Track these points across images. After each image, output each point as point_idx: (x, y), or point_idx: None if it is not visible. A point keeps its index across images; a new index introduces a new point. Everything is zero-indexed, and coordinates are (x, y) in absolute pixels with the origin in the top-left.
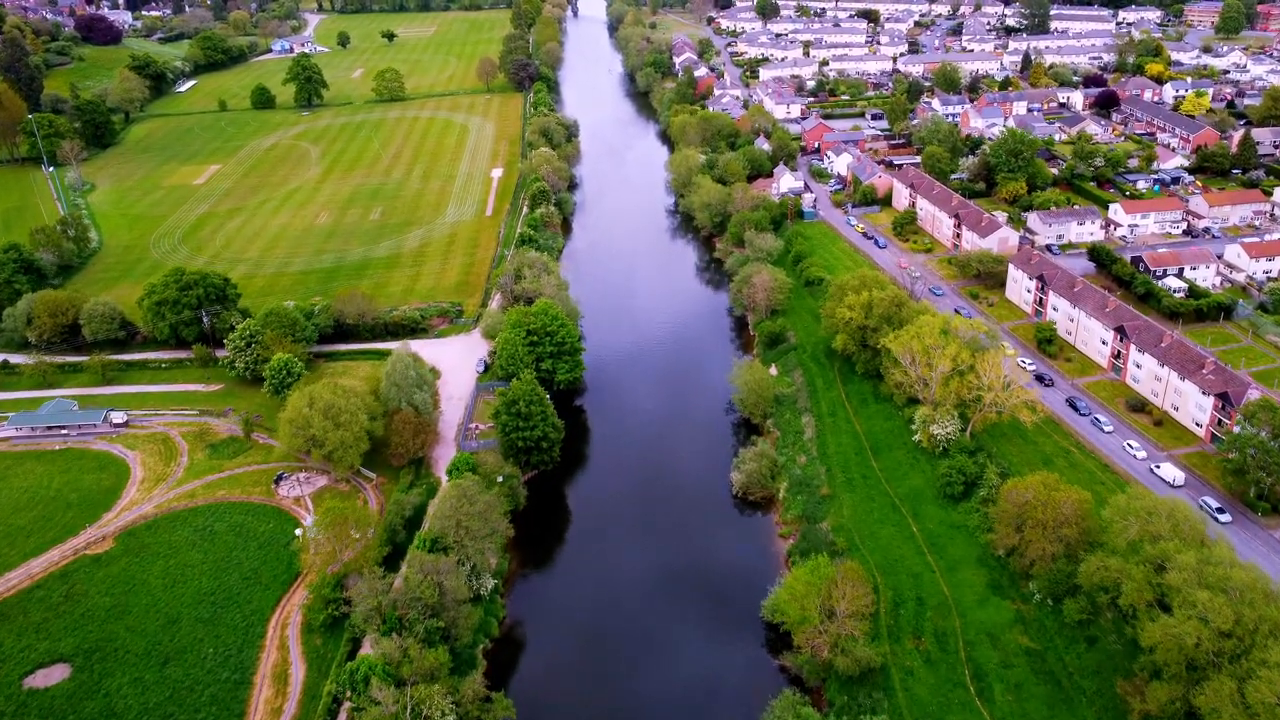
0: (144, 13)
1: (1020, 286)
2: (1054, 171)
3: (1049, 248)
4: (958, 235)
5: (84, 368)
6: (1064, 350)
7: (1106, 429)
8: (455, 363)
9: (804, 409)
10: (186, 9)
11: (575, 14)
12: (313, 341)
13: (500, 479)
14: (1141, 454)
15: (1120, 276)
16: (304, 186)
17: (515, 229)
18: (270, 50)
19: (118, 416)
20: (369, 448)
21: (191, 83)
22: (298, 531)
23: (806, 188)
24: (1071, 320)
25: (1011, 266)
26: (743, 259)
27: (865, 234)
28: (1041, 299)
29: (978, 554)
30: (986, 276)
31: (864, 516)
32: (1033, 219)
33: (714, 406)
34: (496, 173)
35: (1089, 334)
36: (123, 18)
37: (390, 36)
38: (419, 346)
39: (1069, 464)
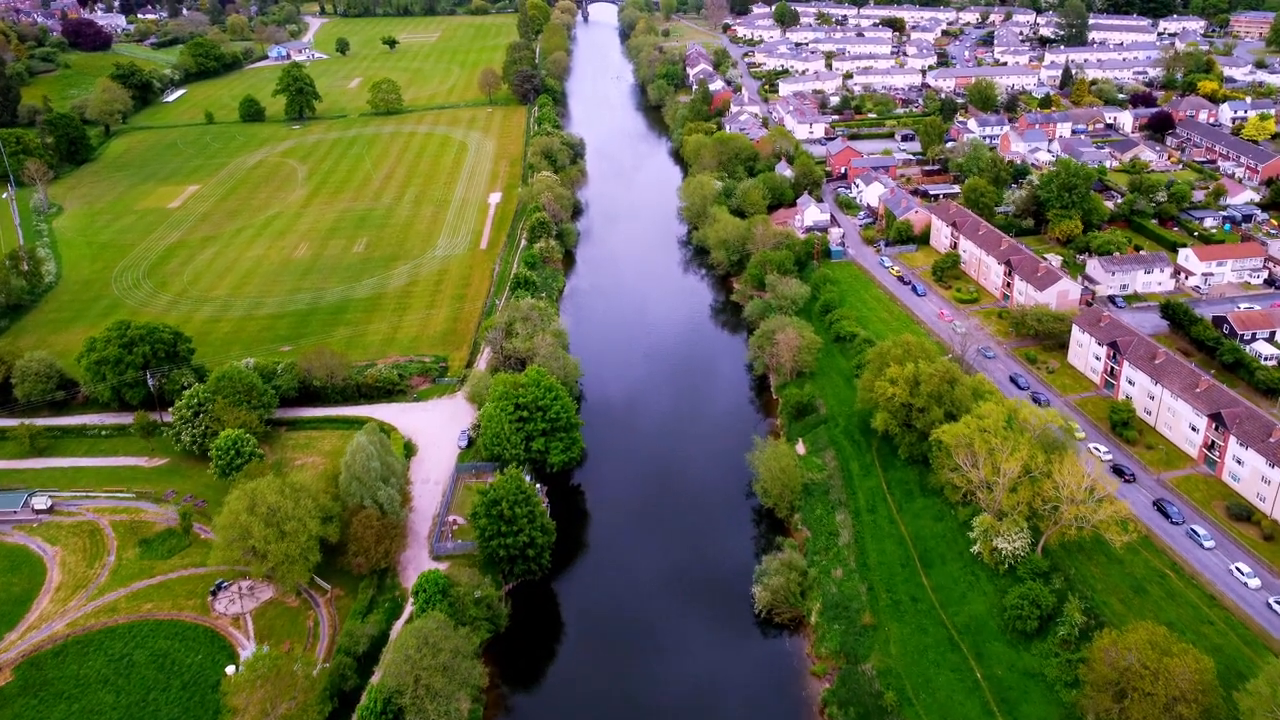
0: (139, 16)
1: (1087, 352)
2: (1110, 206)
3: (1112, 300)
4: (1008, 285)
5: (10, 435)
6: (1144, 435)
7: (1206, 544)
8: (435, 434)
9: (838, 502)
10: (184, 13)
11: (585, 20)
12: (273, 408)
13: (478, 594)
14: (1254, 581)
15: (1202, 340)
16: (285, 212)
17: (511, 265)
18: (266, 57)
19: (40, 502)
20: (320, 560)
21: (180, 92)
22: (229, 670)
23: (833, 220)
24: (1152, 398)
25: (1076, 328)
26: (763, 305)
27: (901, 278)
28: (1113, 369)
29: (1060, 716)
30: (1044, 336)
31: (916, 656)
32: (1093, 266)
33: (731, 489)
34: (494, 198)
35: (1175, 417)
36: (115, 22)
37: (392, 43)
38: (395, 412)
39: (1165, 593)
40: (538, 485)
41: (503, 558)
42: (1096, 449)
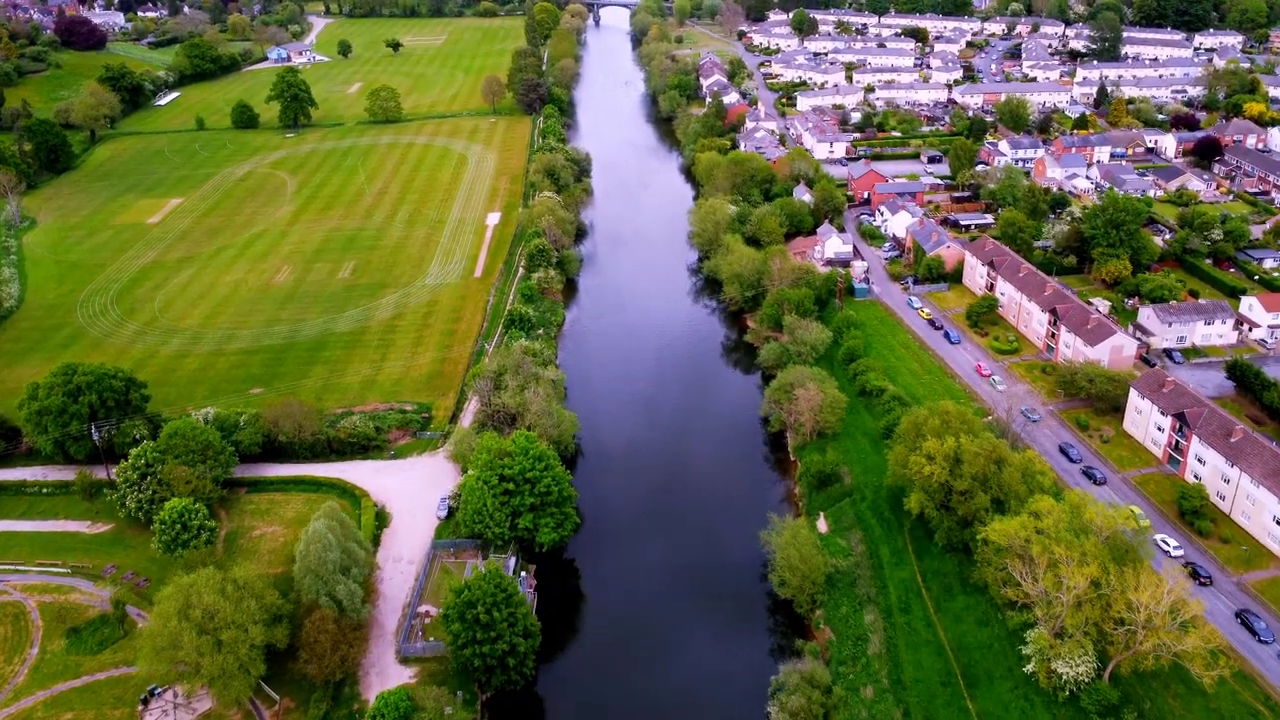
0: (139, 14)
1: (1147, 421)
2: (1159, 243)
3: (1169, 354)
4: (1053, 335)
5: None
6: (1218, 525)
7: None
8: (411, 500)
9: (866, 598)
10: (185, 11)
11: (597, 24)
12: (232, 467)
13: (447, 710)
14: None
15: (1275, 408)
16: (270, 230)
17: (507, 296)
18: (266, 58)
19: None
20: (265, 671)
21: (174, 95)
22: None
23: (856, 252)
24: (1227, 482)
25: (1134, 393)
26: (780, 350)
27: (932, 322)
28: (1179, 443)
29: None
30: (1096, 398)
31: None
32: (1147, 315)
33: (743, 567)
34: (493, 218)
35: (1255, 507)
36: (113, 20)
37: (395, 46)
38: (369, 473)
39: None
40: (522, 574)
41: (478, 667)
42: (1165, 542)
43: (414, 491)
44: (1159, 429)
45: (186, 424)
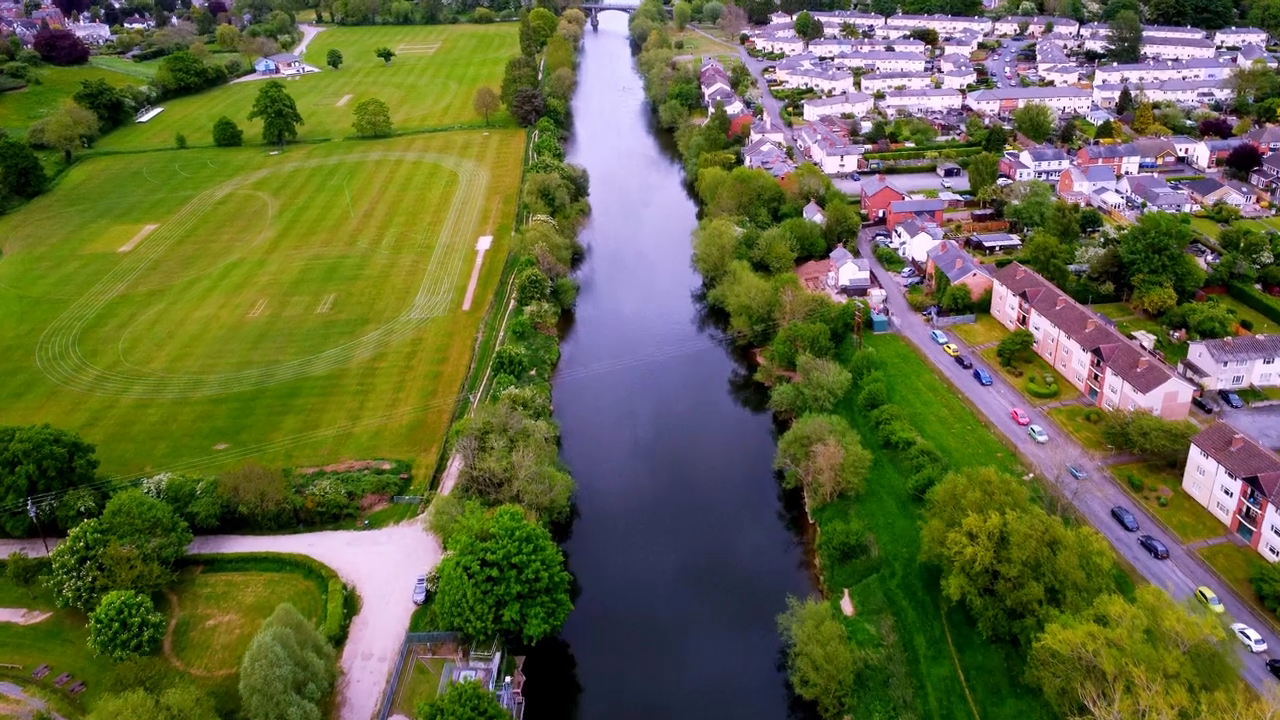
0: (125, 27)
1: (1212, 483)
2: (1203, 265)
3: (1225, 396)
4: (1096, 378)
5: None
6: None
7: None
8: (385, 580)
9: (902, 702)
10: (174, 21)
11: (595, 29)
12: (186, 543)
13: None
14: None
15: None
16: (248, 259)
17: (498, 332)
18: (254, 70)
19: None
20: None
21: (156, 111)
22: None
23: (873, 278)
24: None
25: (1197, 452)
26: (793, 393)
27: (960, 360)
28: (1251, 510)
29: None
30: (1150, 453)
31: None
32: (1199, 352)
33: (756, 652)
34: (484, 243)
35: None
36: (98, 33)
37: (387, 55)
38: (338, 546)
39: None
40: (506, 679)
41: None
42: (1245, 635)
43: (389, 569)
44: (1226, 492)
45: (133, 498)
